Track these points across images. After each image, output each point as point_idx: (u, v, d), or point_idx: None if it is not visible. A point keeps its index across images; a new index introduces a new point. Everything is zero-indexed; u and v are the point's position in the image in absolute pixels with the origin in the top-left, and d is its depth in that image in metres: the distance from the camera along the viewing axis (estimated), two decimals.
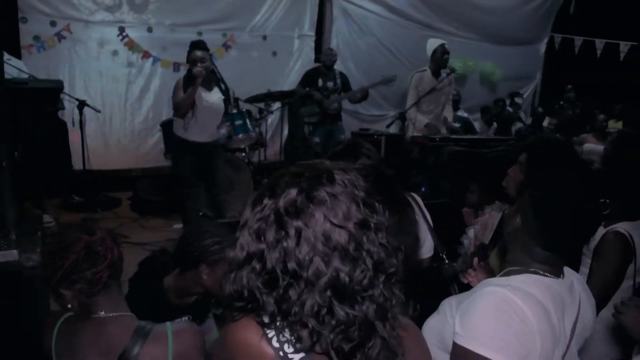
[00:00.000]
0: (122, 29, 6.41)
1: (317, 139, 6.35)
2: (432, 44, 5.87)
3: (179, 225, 5.23)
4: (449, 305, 1.53)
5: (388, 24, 7.97)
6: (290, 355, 1.01)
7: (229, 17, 6.98)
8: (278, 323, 1.01)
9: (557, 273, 1.50)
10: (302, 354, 1.01)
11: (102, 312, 1.60)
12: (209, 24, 6.82)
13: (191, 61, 4.44)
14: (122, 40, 6.44)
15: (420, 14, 8.11)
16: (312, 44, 7.65)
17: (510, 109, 8.71)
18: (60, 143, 4.77)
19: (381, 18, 7.91)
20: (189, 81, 4.43)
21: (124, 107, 6.61)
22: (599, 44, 8.59)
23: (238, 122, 5.53)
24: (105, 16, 6.32)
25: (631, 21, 7.87)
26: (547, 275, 1.48)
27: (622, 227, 2.29)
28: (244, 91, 5.90)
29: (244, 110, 5.82)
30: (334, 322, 0.97)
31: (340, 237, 0.97)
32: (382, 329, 1.00)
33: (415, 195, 2.56)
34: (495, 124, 8.13)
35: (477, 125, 8.25)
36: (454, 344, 1.39)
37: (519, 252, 1.53)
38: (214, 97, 4.69)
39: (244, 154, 5.94)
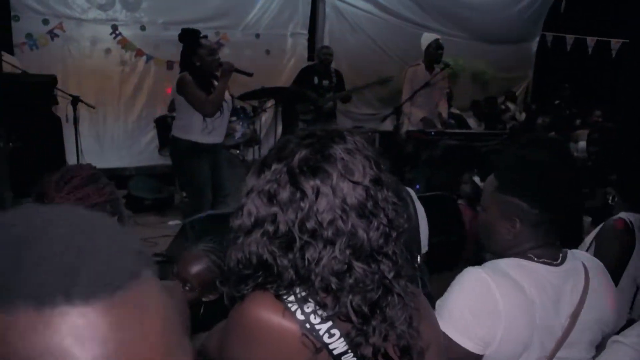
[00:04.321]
0: (115, 27, 6.38)
1: None
2: (427, 38, 5.87)
3: (174, 222, 5.21)
4: None
5: (380, 22, 7.99)
6: (317, 327, 0.95)
7: (221, 15, 6.96)
8: (298, 293, 0.96)
9: (552, 257, 1.45)
10: (329, 323, 0.95)
11: None
12: (201, 22, 6.66)
13: (204, 52, 3.92)
14: (115, 38, 6.41)
15: (411, 12, 8.15)
16: (305, 42, 7.65)
17: (502, 107, 8.78)
18: (55, 138, 4.72)
19: (373, 16, 7.93)
20: (204, 77, 3.95)
21: (117, 105, 6.58)
22: (590, 41, 8.66)
23: (232, 120, 5.51)
24: (98, 14, 6.30)
25: (621, 19, 7.93)
26: (534, 260, 1.44)
27: (624, 215, 2.22)
28: (237, 90, 5.88)
29: (238, 107, 5.82)
30: (352, 281, 0.94)
31: (357, 194, 0.95)
32: (397, 286, 0.99)
33: (410, 190, 2.50)
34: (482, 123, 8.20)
35: (469, 122, 8.29)
36: None
37: (499, 241, 1.50)
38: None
39: (238, 152, 5.92)
